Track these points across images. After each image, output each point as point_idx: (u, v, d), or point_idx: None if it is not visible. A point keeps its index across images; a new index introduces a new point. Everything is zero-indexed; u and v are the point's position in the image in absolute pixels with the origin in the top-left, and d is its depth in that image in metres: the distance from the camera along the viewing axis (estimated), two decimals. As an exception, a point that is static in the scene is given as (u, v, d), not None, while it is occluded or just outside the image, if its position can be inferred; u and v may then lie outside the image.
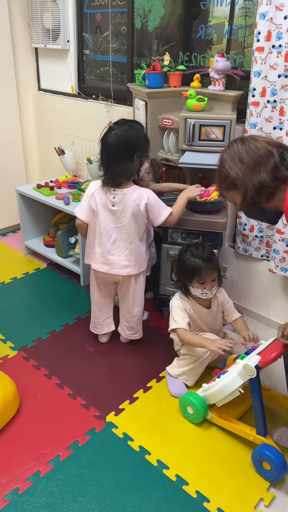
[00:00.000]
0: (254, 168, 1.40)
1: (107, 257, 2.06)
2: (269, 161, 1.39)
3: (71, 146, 3.24)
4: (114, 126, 1.92)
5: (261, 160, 1.40)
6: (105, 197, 1.98)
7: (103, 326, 2.29)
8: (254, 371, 1.61)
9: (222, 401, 1.76)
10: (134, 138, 1.92)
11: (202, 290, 1.98)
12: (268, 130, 2.12)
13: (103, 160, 1.94)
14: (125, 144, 1.89)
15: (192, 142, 2.16)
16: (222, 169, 1.47)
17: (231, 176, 1.44)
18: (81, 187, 3.02)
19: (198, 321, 2.07)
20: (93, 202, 2.01)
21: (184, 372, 2.03)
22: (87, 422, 1.87)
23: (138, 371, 2.18)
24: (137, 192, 1.97)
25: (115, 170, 1.91)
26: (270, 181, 1.40)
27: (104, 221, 2.00)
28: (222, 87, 2.23)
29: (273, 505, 1.57)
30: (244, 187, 1.42)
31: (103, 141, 1.93)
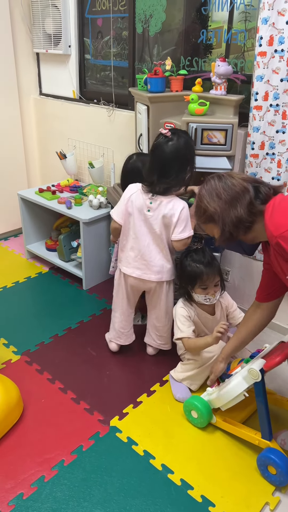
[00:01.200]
0: (231, 203, 1.47)
1: (141, 262, 2.03)
2: (245, 197, 1.47)
3: (73, 151, 3.24)
4: (172, 136, 1.89)
5: (237, 196, 1.47)
6: (142, 201, 1.96)
7: (127, 336, 2.26)
8: (259, 374, 1.61)
9: (227, 405, 1.76)
10: (190, 149, 1.92)
11: (205, 295, 1.98)
12: (271, 134, 2.13)
13: (156, 169, 1.90)
14: (182, 155, 1.89)
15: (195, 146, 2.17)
16: (201, 204, 1.55)
17: (209, 211, 1.51)
18: (83, 191, 3.02)
19: (203, 327, 2.06)
20: (130, 205, 1.99)
21: (188, 376, 2.02)
22: (91, 427, 1.86)
23: (141, 375, 2.17)
24: (172, 203, 1.94)
25: (169, 180, 1.90)
26: (247, 216, 1.47)
27: (140, 225, 1.99)
28: (224, 91, 2.23)
29: (278, 509, 1.57)
30: (222, 221, 1.49)
31: (158, 150, 1.90)
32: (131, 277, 2.07)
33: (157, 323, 2.20)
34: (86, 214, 2.73)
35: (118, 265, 2.13)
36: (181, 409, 1.94)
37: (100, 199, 2.80)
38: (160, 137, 1.91)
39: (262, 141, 2.16)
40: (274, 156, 2.17)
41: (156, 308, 2.17)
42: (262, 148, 2.17)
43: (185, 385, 2.04)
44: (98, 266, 2.87)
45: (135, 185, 2.02)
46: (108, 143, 3.02)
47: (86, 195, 2.97)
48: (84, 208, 2.84)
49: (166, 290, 2.12)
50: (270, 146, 2.16)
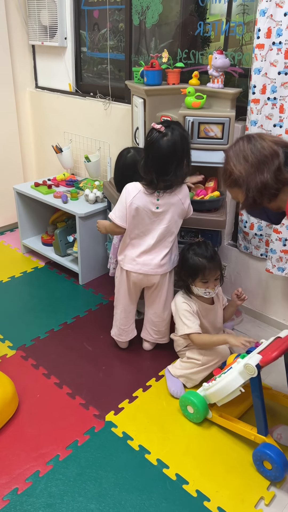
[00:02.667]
0: (258, 167, 1.39)
1: (146, 258, 2.02)
2: (273, 162, 1.38)
3: (69, 144, 3.22)
4: (167, 130, 1.82)
5: (265, 160, 1.38)
6: (148, 200, 1.91)
7: (129, 332, 2.25)
8: (255, 370, 1.61)
9: (223, 400, 1.76)
10: (186, 142, 1.86)
11: (205, 289, 1.98)
12: (268, 128, 2.11)
13: (154, 167, 1.83)
14: (179, 150, 1.83)
15: (191, 139, 2.15)
16: (227, 166, 1.47)
17: (235, 174, 1.43)
18: (79, 185, 3.01)
19: (202, 320, 2.06)
20: (133, 207, 1.93)
21: (186, 374, 2.01)
22: (87, 422, 1.86)
23: (137, 370, 2.17)
24: (181, 191, 1.94)
25: (169, 178, 1.85)
26: (273, 183, 1.39)
27: (146, 224, 1.96)
28: (221, 85, 2.22)
29: (273, 504, 1.57)
30: (247, 186, 1.42)
31: (153, 147, 1.82)
32: (135, 273, 2.05)
33: (155, 318, 2.19)
34: (82, 208, 2.72)
35: (120, 263, 2.10)
36: (177, 404, 1.94)
37: (96, 193, 2.79)
38: (154, 132, 1.83)
39: None
40: None
41: (155, 303, 2.16)
42: None
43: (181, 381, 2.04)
44: (94, 261, 2.86)
45: (134, 186, 1.94)
46: (105, 136, 3.00)
47: (82, 189, 2.96)
48: (80, 202, 2.82)
49: (167, 282, 2.11)
50: (268, 140, 2.15)
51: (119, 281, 2.15)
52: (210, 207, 2.23)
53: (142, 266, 2.03)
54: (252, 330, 2.41)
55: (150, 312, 2.20)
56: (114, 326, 2.27)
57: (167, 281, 2.11)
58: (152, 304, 2.17)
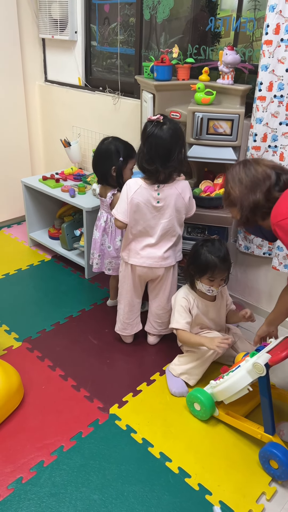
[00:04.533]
0: (251, 189, 1.54)
1: (150, 252, 2.03)
2: (265, 183, 1.53)
3: (77, 138, 3.23)
4: (164, 120, 1.88)
5: (258, 182, 1.54)
6: (148, 194, 1.94)
7: (133, 326, 2.26)
8: (264, 369, 1.61)
9: (230, 398, 1.76)
10: (181, 130, 1.92)
11: (210, 287, 1.98)
12: (274, 126, 2.10)
13: (157, 157, 1.86)
14: (177, 137, 1.88)
15: (200, 135, 2.15)
16: (226, 188, 1.63)
17: (232, 195, 1.59)
18: (87, 179, 3.02)
19: (203, 317, 2.07)
20: (135, 203, 1.95)
21: (186, 370, 2.02)
22: (91, 414, 1.88)
23: (141, 364, 2.19)
24: (180, 185, 1.96)
25: (171, 164, 1.88)
26: (264, 202, 1.53)
27: (148, 219, 1.97)
28: (231, 81, 2.21)
29: (274, 499, 1.58)
30: (241, 205, 1.57)
31: (154, 137, 1.86)
32: (140, 267, 2.07)
33: (159, 311, 2.20)
34: (90, 202, 2.73)
35: (124, 258, 2.11)
36: (180, 399, 1.96)
37: (103, 188, 2.79)
38: (150, 124, 1.88)
39: (265, 133, 2.12)
40: (276, 149, 2.14)
41: (159, 296, 2.17)
42: (265, 140, 2.14)
43: (182, 380, 2.03)
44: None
45: (135, 181, 1.97)
46: (113, 131, 2.99)
47: (90, 183, 2.97)
48: (88, 196, 2.83)
49: (171, 275, 2.12)
50: (273, 139, 2.13)
51: (123, 276, 2.16)
52: (217, 204, 2.23)
53: (146, 259, 2.05)
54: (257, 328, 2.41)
55: (154, 305, 2.21)
56: (117, 321, 2.28)
57: (171, 274, 2.12)
58: (156, 297, 2.19)
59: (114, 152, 2.19)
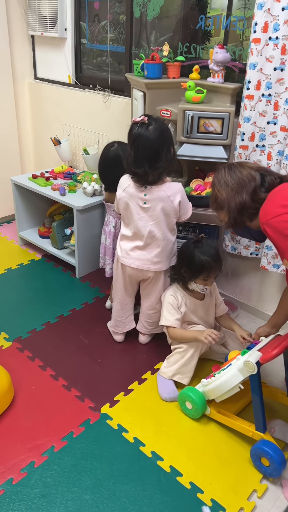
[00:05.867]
0: (237, 191, 1.58)
1: (140, 253, 2.03)
2: (250, 184, 1.57)
3: (68, 137, 3.21)
4: (150, 120, 1.85)
5: (243, 184, 1.58)
6: (136, 194, 1.93)
7: (125, 324, 2.26)
8: (255, 367, 1.61)
9: (222, 396, 1.76)
10: (168, 129, 1.91)
11: (204, 286, 1.99)
12: (262, 125, 2.10)
13: (145, 158, 1.84)
14: (164, 136, 1.86)
15: (191, 134, 2.15)
16: (213, 191, 1.66)
17: (219, 197, 1.62)
18: (77, 178, 3.00)
19: (191, 314, 2.07)
20: (123, 201, 1.96)
21: (177, 370, 2.00)
22: (82, 414, 1.87)
23: (133, 363, 2.18)
24: (171, 188, 1.93)
25: (161, 164, 1.86)
26: (250, 203, 1.57)
27: (137, 219, 1.96)
28: (221, 79, 2.21)
29: (266, 497, 1.59)
30: (228, 207, 1.60)
31: (141, 139, 1.83)
32: (130, 267, 2.07)
33: (149, 311, 2.20)
34: (80, 201, 2.71)
35: (117, 255, 2.11)
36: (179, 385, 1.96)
37: (94, 186, 2.78)
38: (136, 126, 1.85)
39: (253, 132, 2.12)
40: (264, 148, 2.14)
41: (150, 296, 2.17)
42: (252, 139, 2.14)
43: (173, 383, 1.99)
44: (91, 254, 2.86)
45: (127, 177, 1.97)
46: (104, 129, 2.99)
47: (80, 182, 2.95)
48: (78, 195, 2.82)
49: (163, 278, 2.12)
50: (261, 138, 2.13)
51: (116, 274, 2.17)
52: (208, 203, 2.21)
53: (135, 261, 2.04)
54: (248, 326, 2.42)
55: (145, 305, 2.21)
56: (112, 317, 2.28)
57: (163, 275, 2.12)
58: (147, 297, 2.18)
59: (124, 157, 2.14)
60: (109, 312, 2.48)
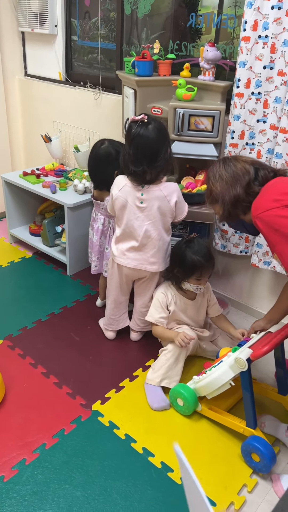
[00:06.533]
0: (231, 184, 1.60)
1: (136, 253, 2.02)
2: (244, 178, 1.59)
3: (58, 134, 3.20)
4: (149, 119, 1.85)
5: (237, 178, 1.60)
6: (133, 194, 1.93)
7: (119, 321, 2.27)
8: (246, 364, 1.63)
9: (213, 393, 1.77)
10: (165, 128, 1.91)
11: (197, 286, 1.99)
12: (252, 123, 2.11)
13: (144, 157, 1.84)
14: (163, 136, 1.87)
15: (181, 132, 2.16)
16: (208, 185, 1.68)
17: (213, 191, 1.65)
18: (68, 175, 2.99)
19: (180, 313, 2.08)
20: (119, 201, 1.95)
21: (164, 375, 1.97)
22: (73, 411, 1.87)
23: (124, 360, 2.19)
24: (167, 188, 1.93)
25: (158, 164, 1.86)
26: (244, 196, 1.59)
27: (132, 219, 1.96)
28: (212, 77, 2.22)
29: (256, 491, 1.61)
30: (222, 200, 1.63)
31: (139, 138, 1.83)
32: (126, 267, 2.07)
33: (142, 308, 2.21)
34: (71, 198, 2.71)
35: (112, 256, 2.11)
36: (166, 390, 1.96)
37: (85, 183, 2.78)
38: (135, 125, 1.85)
39: (242, 130, 2.13)
40: (253, 146, 2.16)
41: (144, 295, 2.17)
42: (242, 137, 2.15)
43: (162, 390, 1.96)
44: (82, 252, 2.86)
45: (123, 178, 1.96)
46: (95, 127, 2.99)
47: (71, 179, 2.95)
48: (69, 192, 2.81)
49: (156, 280, 2.13)
50: (250, 136, 2.14)
51: (110, 273, 2.17)
52: (199, 200, 2.25)
53: (132, 261, 2.04)
54: (238, 322, 2.44)
55: (139, 303, 2.21)
56: (105, 315, 2.29)
57: (158, 275, 2.13)
58: (140, 295, 2.19)
59: (115, 155, 2.16)
60: (101, 310, 2.49)
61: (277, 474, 1.64)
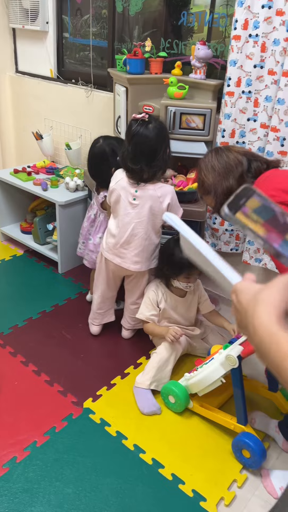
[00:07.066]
0: (224, 175, 1.59)
1: (120, 250, 2.02)
2: (237, 169, 1.58)
3: (50, 131, 3.19)
4: (150, 118, 1.86)
5: (230, 169, 1.59)
6: (128, 188, 1.93)
7: (104, 316, 2.28)
8: (237, 361, 1.64)
9: (204, 390, 1.79)
10: (166, 128, 1.93)
11: (187, 283, 2.00)
12: (242, 122, 2.12)
13: (143, 155, 1.85)
14: (163, 136, 1.88)
15: (173, 130, 2.17)
16: (200, 176, 1.66)
17: (205, 182, 1.63)
18: (59, 173, 2.99)
19: (170, 311, 2.09)
20: (115, 194, 1.96)
21: (153, 378, 1.95)
22: (64, 409, 1.88)
23: (115, 358, 2.20)
24: (162, 189, 1.93)
25: (156, 163, 1.88)
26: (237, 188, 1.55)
27: (123, 214, 1.96)
28: (203, 76, 2.23)
29: (245, 486, 1.63)
30: (215, 192, 1.61)
31: (139, 136, 1.85)
32: (112, 262, 2.08)
33: (132, 306, 2.22)
34: (62, 196, 2.71)
35: (101, 249, 2.12)
36: (155, 392, 1.98)
37: (76, 181, 2.78)
38: (136, 123, 1.86)
39: (233, 129, 2.15)
40: (244, 145, 2.17)
41: (133, 292, 2.19)
42: (233, 136, 2.16)
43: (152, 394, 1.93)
44: (74, 250, 2.85)
45: (121, 171, 1.97)
46: (86, 124, 2.98)
47: (63, 177, 2.94)
48: (60, 190, 2.81)
49: (147, 276, 2.14)
50: (241, 135, 2.16)
51: (99, 267, 2.18)
52: (190, 198, 2.26)
53: (115, 257, 2.05)
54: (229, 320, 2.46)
55: (129, 301, 2.22)
56: (91, 309, 2.30)
57: (146, 277, 2.14)
58: (130, 293, 2.20)
59: (110, 152, 2.17)
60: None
61: (267, 470, 1.66)
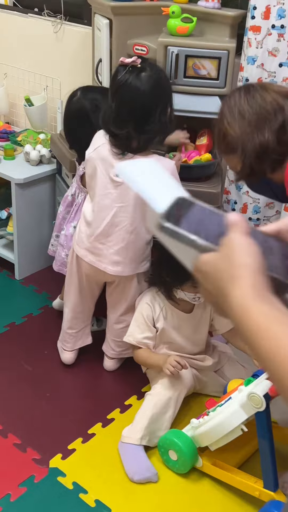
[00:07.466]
0: (256, 125, 1.52)
1: (95, 245, 2.03)
2: (277, 118, 1.51)
3: (3, 81, 3.19)
4: (143, 64, 1.85)
5: (267, 117, 1.51)
6: (110, 159, 1.93)
7: (77, 338, 2.29)
8: (263, 402, 1.64)
9: (218, 443, 1.79)
10: (167, 79, 1.93)
11: (195, 294, 2.01)
12: (272, 68, 2.14)
13: (131, 116, 1.86)
14: (161, 89, 1.87)
15: (175, 79, 2.18)
16: (221, 125, 1.58)
17: (230, 135, 1.55)
18: (17, 138, 2.99)
19: (172, 332, 2.10)
20: (94, 161, 1.97)
21: (146, 429, 1.92)
22: (23, 469, 1.88)
23: (95, 398, 2.20)
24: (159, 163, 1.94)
25: (151, 127, 1.87)
26: (275, 145, 1.50)
27: (102, 194, 1.97)
28: (217, 4, 2.24)
29: None
30: (242, 149, 1.54)
31: (126, 88, 1.85)
32: (84, 261, 2.08)
33: (117, 324, 2.23)
34: (21, 172, 2.72)
35: (73, 241, 2.14)
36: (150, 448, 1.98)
37: (41, 151, 2.78)
38: (123, 70, 1.86)
39: (259, 78, 2.16)
40: None
41: (118, 305, 2.20)
42: None
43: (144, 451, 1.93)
44: (37, 247, 2.87)
45: (103, 134, 1.97)
46: (54, 71, 2.99)
47: (22, 144, 2.95)
48: (18, 163, 2.82)
49: (135, 283, 2.14)
50: (271, 85, 2.17)
51: (69, 269, 2.19)
52: (199, 175, 2.26)
53: (88, 254, 2.07)
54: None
55: (112, 318, 2.24)
56: (61, 328, 2.32)
57: (135, 280, 2.14)
58: (113, 306, 2.22)
59: (90, 109, 2.17)
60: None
61: None
